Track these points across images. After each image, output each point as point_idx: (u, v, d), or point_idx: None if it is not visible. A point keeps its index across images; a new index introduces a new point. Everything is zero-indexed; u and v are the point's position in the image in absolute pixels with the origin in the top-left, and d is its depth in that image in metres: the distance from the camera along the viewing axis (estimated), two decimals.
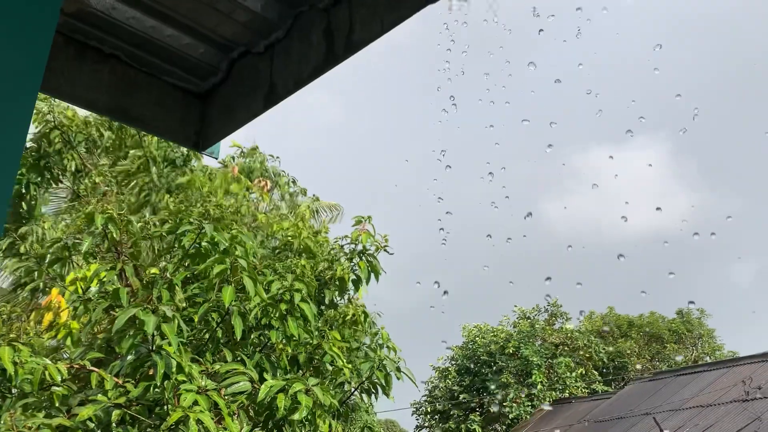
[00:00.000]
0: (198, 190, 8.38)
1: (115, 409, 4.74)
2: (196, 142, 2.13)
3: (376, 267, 7.97)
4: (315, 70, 1.75)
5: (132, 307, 4.81)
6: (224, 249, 6.11)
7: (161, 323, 4.77)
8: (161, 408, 5.28)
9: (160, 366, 4.68)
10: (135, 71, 2.01)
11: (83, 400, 4.94)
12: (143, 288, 6.25)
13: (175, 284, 6.00)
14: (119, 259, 6.56)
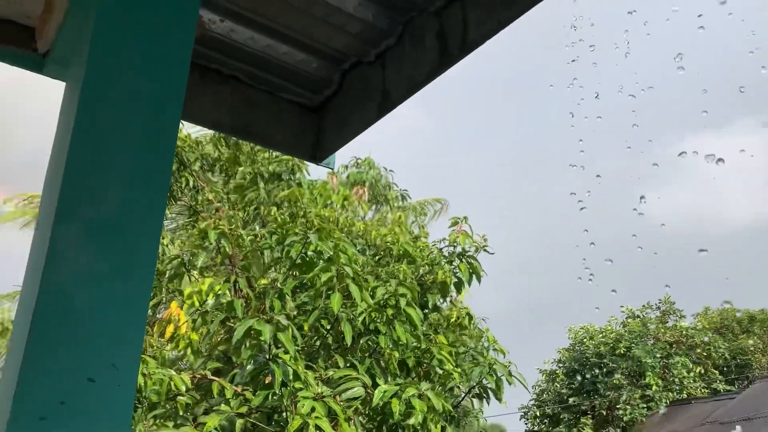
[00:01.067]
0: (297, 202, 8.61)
1: (238, 418, 4.94)
2: (313, 155, 2.18)
3: (477, 269, 7.88)
4: (430, 73, 1.75)
5: (249, 318, 5.01)
6: (329, 257, 6.24)
7: (277, 332, 4.93)
8: (279, 415, 5.46)
9: (278, 374, 4.84)
10: (254, 90, 2.09)
11: (207, 409, 5.19)
12: (256, 299, 6.49)
13: (285, 293, 6.19)
14: (232, 271, 6.85)
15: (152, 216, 1.21)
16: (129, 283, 1.15)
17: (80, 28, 1.43)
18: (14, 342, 1.13)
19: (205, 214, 7.81)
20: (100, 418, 1.06)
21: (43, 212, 1.22)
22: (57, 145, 1.29)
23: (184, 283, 7.14)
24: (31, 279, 1.15)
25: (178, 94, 1.31)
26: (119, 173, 1.19)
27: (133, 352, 1.12)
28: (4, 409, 1.03)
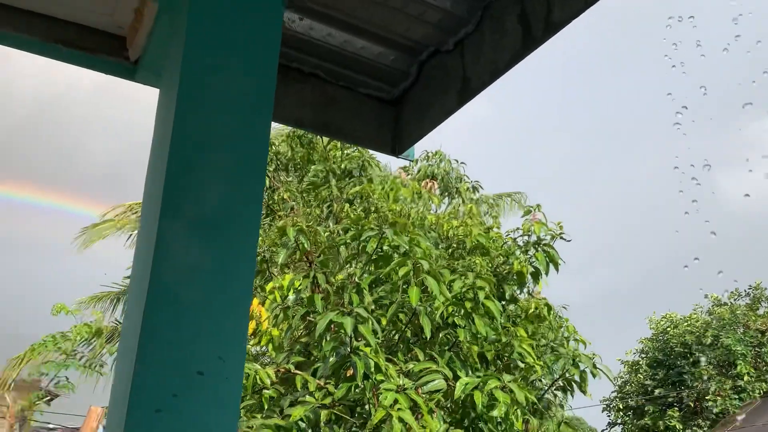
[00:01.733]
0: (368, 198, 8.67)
1: (322, 410, 5.02)
2: (393, 148, 2.18)
3: (554, 257, 7.70)
4: (512, 57, 1.71)
5: (329, 312, 5.08)
6: (404, 251, 6.25)
7: (357, 325, 4.98)
8: (362, 407, 5.51)
9: (359, 366, 4.89)
10: (333, 86, 2.10)
11: (293, 402, 5.30)
12: (334, 294, 6.58)
13: (363, 288, 6.24)
14: (311, 267, 6.97)
15: (250, 213, 1.24)
16: (231, 278, 1.18)
17: (170, 35, 1.48)
18: (126, 337, 1.18)
19: (281, 213, 7.99)
20: (210, 409, 1.10)
21: (147, 212, 1.27)
22: (156, 149, 1.34)
23: (265, 279, 7.32)
24: (139, 276, 1.20)
25: (268, 94, 1.34)
26: (217, 173, 1.23)
27: (239, 345, 1.15)
28: (122, 402, 1.08)
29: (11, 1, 1.66)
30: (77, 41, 1.75)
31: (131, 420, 1.03)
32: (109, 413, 1.16)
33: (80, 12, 1.73)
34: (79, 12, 1.73)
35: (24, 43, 1.70)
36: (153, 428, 1.04)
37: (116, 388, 1.15)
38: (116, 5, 1.71)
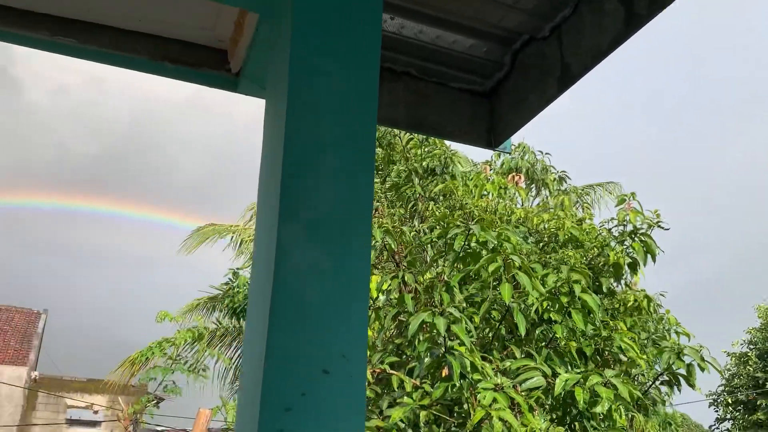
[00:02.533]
0: (452, 195, 8.61)
1: (421, 410, 5.02)
2: (488, 141, 2.15)
3: (652, 247, 7.37)
4: (615, 38, 1.64)
5: (421, 312, 5.08)
6: (493, 247, 6.15)
7: (451, 324, 4.95)
8: (460, 407, 5.47)
9: (455, 366, 4.86)
10: (425, 83, 2.10)
11: (391, 403, 5.34)
12: (424, 293, 6.57)
13: (453, 286, 6.20)
14: (398, 267, 7.00)
15: (362, 213, 1.25)
16: (349, 278, 1.19)
17: (273, 44, 1.51)
18: (251, 338, 1.22)
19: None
20: (337, 408, 1.11)
21: (264, 215, 1.30)
22: (267, 156, 1.37)
23: None
24: (261, 278, 1.23)
25: (372, 95, 1.34)
26: (330, 175, 1.25)
27: (360, 343, 1.16)
28: (253, 402, 1.11)
29: (122, 24, 1.75)
30: (182, 57, 1.82)
31: (264, 419, 1.06)
32: (239, 412, 1.20)
33: (184, 29, 1.80)
34: (183, 29, 1.80)
35: (134, 62, 1.78)
36: (285, 427, 1.07)
37: (245, 388, 1.18)
38: (217, 20, 1.77)
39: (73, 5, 1.70)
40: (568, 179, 10.21)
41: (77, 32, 1.72)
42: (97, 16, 1.74)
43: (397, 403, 5.14)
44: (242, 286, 9.60)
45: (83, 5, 1.70)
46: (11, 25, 1.65)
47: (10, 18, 1.65)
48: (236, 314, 10.22)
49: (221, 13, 1.75)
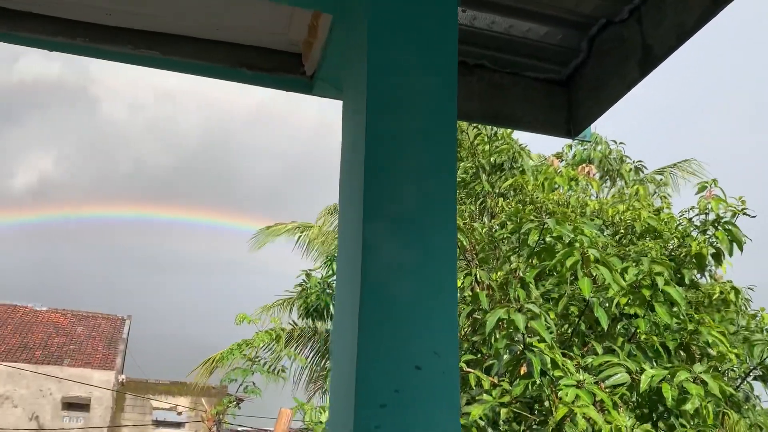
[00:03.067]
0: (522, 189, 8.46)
1: (501, 408, 4.96)
2: (567, 130, 2.09)
3: (737, 235, 7.01)
4: (702, 15, 1.56)
5: (498, 309, 5.01)
6: (569, 241, 6.01)
7: (529, 321, 4.86)
8: (541, 404, 5.37)
9: (535, 363, 4.77)
10: (499, 74, 2.06)
11: (469, 400, 5.30)
12: (498, 290, 6.48)
13: (528, 282, 6.09)
14: (471, 264, 6.94)
15: (446, 210, 1.24)
16: (436, 274, 1.18)
17: (348, 45, 1.52)
18: (341, 336, 1.22)
19: None
20: (432, 404, 1.10)
21: (348, 215, 1.30)
22: (348, 155, 1.38)
23: None
24: (347, 276, 1.23)
25: (452, 90, 1.33)
26: (413, 172, 1.24)
27: (451, 339, 1.14)
28: (347, 398, 1.11)
29: (201, 34, 1.80)
30: (258, 63, 1.86)
31: (359, 416, 1.06)
32: (332, 409, 1.21)
33: (259, 35, 1.84)
34: (258, 35, 1.84)
35: (214, 70, 1.83)
36: (380, 423, 1.07)
37: (337, 385, 1.19)
38: (290, 24, 1.80)
39: (155, 19, 1.76)
40: (644, 169, 9.85)
41: (159, 44, 1.79)
42: (178, 28, 1.79)
43: (476, 401, 5.09)
44: (314, 287, 9.76)
45: (164, 19, 1.77)
46: (99, 42, 1.72)
47: (97, 34, 1.73)
48: (310, 315, 10.40)
49: (294, 17, 1.77)
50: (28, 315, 30.04)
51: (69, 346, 28.12)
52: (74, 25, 1.71)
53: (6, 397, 24.67)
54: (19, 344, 27.46)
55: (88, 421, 25.30)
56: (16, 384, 24.88)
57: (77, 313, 31.02)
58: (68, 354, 27.48)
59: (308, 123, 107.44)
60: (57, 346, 27.94)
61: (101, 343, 29.00)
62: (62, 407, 25.17)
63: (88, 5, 1.68)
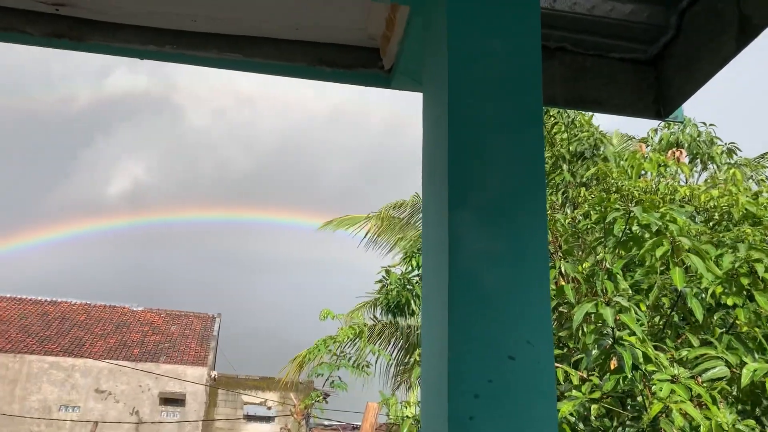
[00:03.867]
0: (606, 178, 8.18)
1: (592, 404, 4.82)
2: (657, 111, 2.00)
3: None
4: None
5: (585, 302, 4.87)
6: (657, 230, 5.76)
7: (618, 314, 4.70)
8: (633, 400, 5.18)
9: (626, 357, 4.60)
10: (582, 57, 2.00)
11: (558, 396, 5.17)
12: (584, 282, 6.30)
13: (615, 273, 5.88)
14: (555, 257, 6.77)
15: (535, 199, 1.21)
16: (527, 263, 1.16)
17: (427, 36, 1.51)
18: (430, 326, 1.22)
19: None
20: (526, 394, 1.08)
21: (432, 206, 1.30)
22: (430, 147, 1.37)
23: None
24: (434, 266, 1.23)
25: (536, 75, 1.30)
26: (497, 162, 1.22)
27: (545, 329, 1.12)
28: (439, 389, 1.11)
29: (280, 34, 1.84)
30: (337, 60, 1.88)
31: (453, 406, 1.05)
32: (424, 400, 1.21)
33: (337, 32, 1.86)
34: (336, 32, 1.86)
35: (294, 70, 1.87)
36: (474, 414, 1.06)
37: (429, 376, 1.19)
38: (368, 19, 1.81)
39: (237, 23, 1.81)
40: (738, 151, 9.30)
41: (242, 47, 1.84)
42: (259, 30, 1.84)
43: (565, 397, 4.97)
44: (394, 283, 9.81)
45: (246, 22, 1.81)
46: (186, 47, 1.79)
47: (184, 40, 1.79)
48: (391, 311, 10.47)
49: (372, 12, 1.78)
50: (126, 315, 31.80)
51: (164, 344, 29.56)
52: (162, 33, 1.79)
53: (109, 393, 26.20)
54: (119, 343, 29.11)
55: (184, 415, 26.52)
56: (117, 380, 26.38)
57: (170, 313, 32.57)
58: (163, 351, 28.90)
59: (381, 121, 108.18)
60: (153, 344, 29.42)
61: (194, 340, 30.30)
62: (160, 402, 26.49)
63: (175, 13, 1.75)
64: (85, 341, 28.40)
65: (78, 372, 26.08)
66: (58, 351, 27.13)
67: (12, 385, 25.32)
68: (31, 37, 1.75)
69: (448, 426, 1.04)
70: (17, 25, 1.75)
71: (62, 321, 29.98)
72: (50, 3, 1.73)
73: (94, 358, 26.71)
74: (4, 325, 28.67)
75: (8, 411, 24.78)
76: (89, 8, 1.73)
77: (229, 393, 27.58)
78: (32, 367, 25.72)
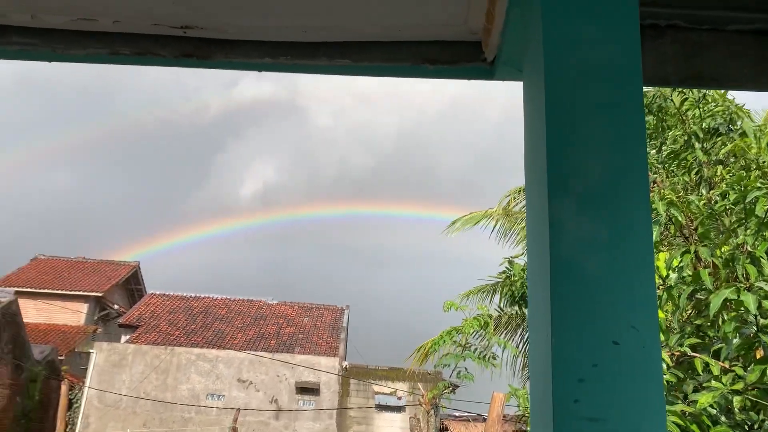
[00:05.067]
0: (743, 155, 7.57)
1: (734, 396, 4.53)
2: None
3: None
4: None
5: (723, 289, 4.58)
6: None
7: (762, 300, 4.38)
8: None
9: None
10: (697, 32, 1.91)
11: (696, 387, 4.91)
12: (723, 267, 5.91)
13: (759, 257, 5.47)
14: (688, 241, 6.40)
15: (637, 185, 1.20)
16: (630, 248, 1.16)
17: (526, 24, 1.53)
18: (535, 312, 1.25)
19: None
20: (632, 378, 1.09)
21: (534, 194, 1.32)
22: (531, 135, 1.39)
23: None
24: (537, 253, 1.25)
25: (635, 58, 1.28)
26: (598, 146, 1.23)
27: (650, 314, 1.11)
28: (544, 373, 1.14)
29: (385, 37, 1.92)
30: (440, 57, 1.93)
31: (558, 390, 1.08)
32: (532, 384, 1.24)
33: (438, 29, 1.91)
34: (438, 30, 1.91)
35: (399, 70, 1.94)
36: (579, 397, 1.08)
37: (535, 361, 1.22)
38: (468, 14, 1.84)
39: (345, 30, 1.92)
40: None
41: (350, 53, 1.94)
42: (365, 35, 1.93)
43: (704, 388, 4.71)
44: (518, 274, 9.68)
45: (352, 28, 1.91)
46: (299, 58, 1.92)
47: (297, 51, 1.92)
48: (516, 302, 10.34)
49: (471, 6, 1.81)
50: (263, 308, 33.68)
51: (298, 336, 31.00)
52: (277, 45, 1.93)
53: (250, 382, 27.89)
54: (257, 335, 30.90)
55: (319, 404, 27.68)
56: (257, 371, 28.01)
57: (303, 305, 34.10)
58: (297, 342, 30.32)
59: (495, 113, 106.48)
60: (288, 336, 30.94)
61: (325, 331, 31.52)
62: (296, 391, 27.82)
63: (287, 26, 1.88)
64: (226, 334, 30.42)
65: (221, 363, 27.99)
66: (203, 343, 29.27)
67: (164, 375, 27.65)
68: (164, 58, 1.96)
69: (553, 409, 1.07)
70: (151, 49, 1.96)
71: (205, 315, 32.30)
72: (178, 26, 1.92)
73: (235, 349, 28.56)
74: (156, 319, 31.37)
75: (162, 398, 27.11)
76: (212, 28, 1.90)
77: (360, 383, 28.44)
78: (181, 359, 27.92)
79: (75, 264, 39.00)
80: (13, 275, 36.54)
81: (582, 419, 1.06)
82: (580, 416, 1.06)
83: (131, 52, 1.94)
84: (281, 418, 27.31)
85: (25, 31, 1.94)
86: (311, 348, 29.61)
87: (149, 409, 26.90)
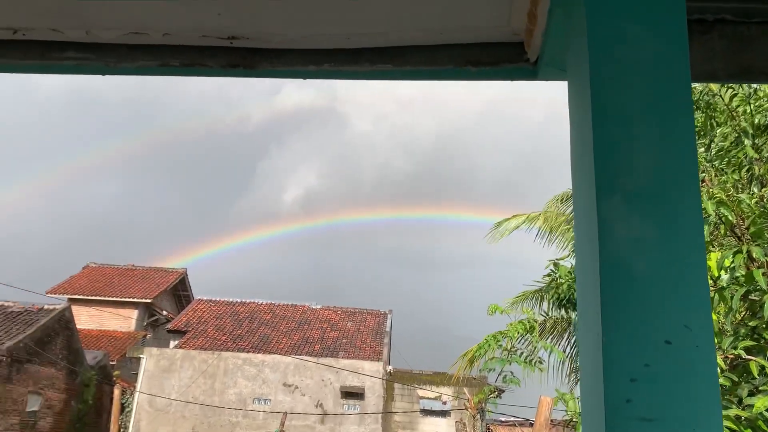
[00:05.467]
0: None
1: None
2: None
3: None
4: None
5: None
6: None
7: None
8: None
9: None
10: (745, 26, 1.87)
11: (752, 391, 4.77)
12: None
13: None
14: (741, 241, 6.22)
15: (687, 184, 1.19)
16: (681, 247, 1.14)
17: (570, 24, 1.52)
18: (585, 312, 1.24)
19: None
20: (685, 378, 1.07)
21: (581, 194, 1.32)
22: (578, 135, 1.39)
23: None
24: (585, 253, 1.25)
25: (682, 54, 1.27)
26: (645, 144, 1.22)
27: (704, 313, 1.10)
28: (595, 373, 1.13)
29: (426, 41, 1.93)
30: (482, 59, 1.94)
31: (609, 390, 1.08)
32: (583, 383, 1.24)
33: (480, 32, 1.92)
34: (480, 32, 1.92)
35: (442, 73, 1.96)
36: (631, 397, 1.07)
37: (586, 361, 1.21)
38: (510, 15, 1.85)
39: (386, 36, 1.94)
40: None
41: (391, 58, 1.96)
42: (405, 39, 1.95)
43: (760, 391, 4.56)
44: (564, 277, 9.53)
45: (393, 34, 1.93)
46: (342, 64, 1.95)
47: (340, 58, 1.95)
48: (563, 305, 10.18)
49: (513, 8, 1.82)
50: (307, 313, 33.97)
51: (342, 340, 31.15)
52: (320, 53, 1.96)
53: (295, 387, 28.16)
54: (301, 339, 31.17)
55: (364, 408, 27.74)
56: (302, 375, 28.26)
57: (346, 310, 34.27)
58: (341, 347, 30.46)
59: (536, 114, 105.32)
60: (332, 340, 31.13)
61: (369, 336, 31.59)
62: (341, 396, 27.96)
63: (330, 34, 1.91)
64: (271, 338, 30.80)
65: (267, 367, 28.34)
66: (249, 348, 29.69)
67: (212, 380, 28.15)
68: (212, 69, 2.01)
69: (605, 409, 1.07)
70: (199, 60, 2.02)
71: (251, 320, 32.77)
72: (225, 37, 1.97)
73: (280, 354, 28.89)
74: (203, 325, 31.96)
75: (210, 403, 27.59)
76: (257, 38, 1.95)
77: (404, 387, 28.42)
78: (228, 363, 28.39)
79: (125, 271, 40.09)
80: (66, 283, 37.78)
81: (635, 419, 1.05)
82: (632, 416, 1.05)
83: (180, 63, 2.00)
84: (327, 422, 27.48)
85: (80, 46, 2.02)
86: (355, 352, 29.73)
87: (197, 414, 27.41)
